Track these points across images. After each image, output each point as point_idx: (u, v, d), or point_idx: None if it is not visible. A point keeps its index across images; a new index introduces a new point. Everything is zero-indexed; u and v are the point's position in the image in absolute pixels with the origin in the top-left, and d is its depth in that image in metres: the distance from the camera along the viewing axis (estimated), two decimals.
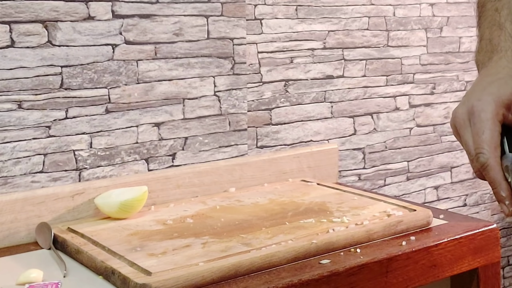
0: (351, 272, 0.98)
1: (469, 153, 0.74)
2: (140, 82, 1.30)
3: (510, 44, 0.79)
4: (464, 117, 0.74)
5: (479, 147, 0.72)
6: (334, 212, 1.18)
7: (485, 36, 0.81)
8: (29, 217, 1.16)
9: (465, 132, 0.74)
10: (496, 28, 0.80)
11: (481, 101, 0.73)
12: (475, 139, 0.72)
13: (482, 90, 0.75)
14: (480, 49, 0.82)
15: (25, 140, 1.19)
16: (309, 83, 1.57)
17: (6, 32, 1.15)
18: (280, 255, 0.99)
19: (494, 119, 0.72)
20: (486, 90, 0.74)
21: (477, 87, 0.76)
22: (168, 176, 1.31)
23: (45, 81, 1.20)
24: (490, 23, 0.81)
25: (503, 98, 0.73)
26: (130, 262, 0.96)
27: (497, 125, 0.73)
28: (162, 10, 1.31)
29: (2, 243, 1.14)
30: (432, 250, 1.08)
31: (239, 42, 1.43)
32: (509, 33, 0.79)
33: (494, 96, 0.73)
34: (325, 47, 1.59)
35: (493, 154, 0.71)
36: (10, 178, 1.18)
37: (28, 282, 0.95)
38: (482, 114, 0.73)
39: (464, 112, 0.75)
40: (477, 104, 0.73)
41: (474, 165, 0.73)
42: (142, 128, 1.32)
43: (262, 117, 1.50)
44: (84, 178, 1.25)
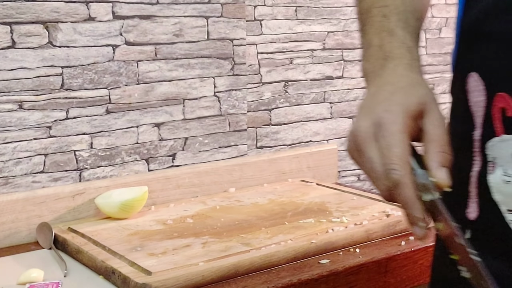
0: (350, 271, 0.99)
1: (375, 171, 0.64)
2: (140, 83, 1.31)
3: (404, 51, 0.72)
4: (369, 130, 0.66)
5: (390, 163, 0.63)
6: (334, 212, 1.19)
7: (374, 43, 0.75)
8: (30, 217, 1.16)
9: (370, 147, 0.65)
10: (386, 34, 0.74)
11: (390, 113, 0.65)
12: (385, 153, 0.64)
13: (388, 100, 0.67)
14: (368, 57, 0.75)
15: (26, 140, 1.19)
16: (308, 83, 1.57)
17: (7, 33, 1.15)
18: (279, 255, 0.99)
19: (405, 131, 0.65)
20: (393, 100, 0.67)
21: (378, 97, 0.69)
22: (168, 176, 1.32)
23: (45, 81, 1.20)
24: (378, 29, 0.76)
25: (410, 109, 0.66)
26: (131, 262, 0.97)
27: (408, 139, 0.65)
28: (162, 11, 1.32)
29: (3, 243, 1.14)
30: (430, 250, 1.08)
31: (239, 43, 1.43)
32: (401, 40, 0.73)
33: (403, 106, 0.66)
34: (325, 48, 1.59)
35: (406, 170, 0.63)
36: (11, 178, 1.18)
37: (29, 281, 0.95)
38: (392, 126, 0.64)
39: (369, 125, 0.66)
40: (385, 116, 0.65)
41: (382, 183, 0.64)
42: (142, 128, 1.32)
43: (261, 117, 1.50)
44: (85, 178, 1.26)
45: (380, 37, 0.75)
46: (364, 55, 0.77)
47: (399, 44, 0.73)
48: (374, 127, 0.66)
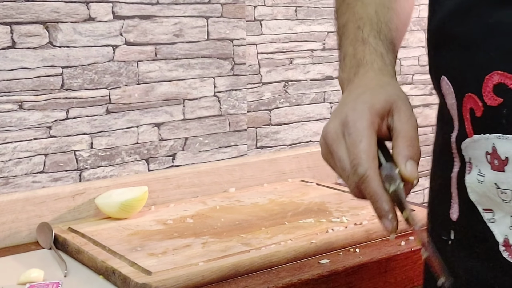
0: (350, 271, 0.99)
1: (344, 169, 0.67)
2: (140, 83, 1.31)
3: (375, 57, 0.75)
4: (337, 130, 0.68)
5: (356, 158, 0.65)
6: (333, 212, 1.19)
7: (348, 53, 0.78)
8: (30, 217, 1.17)
9: (339, 146, 0.68)
10: (360, 44, 0.77)
11: (355, 111, 0.68)
12: (351, 150, 0.66)
13: (354, 100, 0.70)
14: (344, 67, 0.78)
15: (26, 140, 1.19)
16: (308, 83, 1.58)
17: (7, 33, 1.15)
18: (279, 255, 0.99)
19: (370, 128, 0.67)
20: (359, 99, 0.69)
21: (347, 100, 0.71)
22: (168, 176, 1.32)
23: (46, 81, 1.20)
24: (353, 40, 0.78)
25: (376, 107, 0.68)
26: (131, 262, 0.97)
27: (374, 134, 0.67)
28: (163, 11, 1.32)
29: (3, 243, 1.14)
30: None
31: (239, 43, 1.43)
32: (373, 47, 0.76)
33: (368, 104, 0.68)
34: (325, 48, 1.59)
35: (372, 164, 0.65)
36: (11, 178, 1.18)
37: (29, 281, 0.95)
38: (357, 123, 0.67)
39: (337, 125, 0.68)
40: (351, 113, 0.68)
41: (351, 180, 0.66)
42: (142, 128, 1.32)
43: (261, 117, 1.50)
44: (85, 178, 1.26)
45: (354, 47, 0.77)
46: (340, 66, 0.79)
47: (371, 51, 0.76)
48: (342, 127, 0.68)
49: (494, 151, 0.68)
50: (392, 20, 0.80)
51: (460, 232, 0.75)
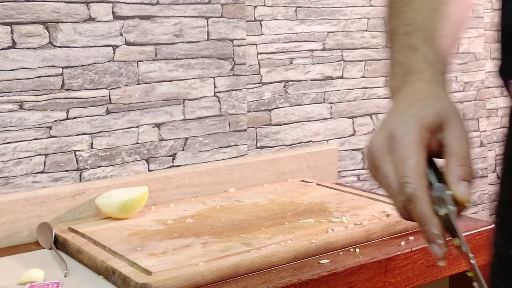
0: (350, 272, 0.99)
1: (390, 187, 0.62)
2: (140, 83, 1.31)
3: (425, 66, 0.70)
4: (383, 145, 0.63)
5: (404, 176, 0.60)
6: (333, 212, 1.19)
7: (397, 60, 0.73)
8: (30, 217, 1.17)
9: (385, 162, 0.62)
10: (409, 51, 0.72)
11: (403, 124, 0.63)
12: (398, 167, 0.61)
13: (403, 113, 0.65)
14: (394, 75, 0.73)
15: (27, 140, 1.19)
16: (308, 84, 1.58)
17: (7, 33, 1.16)
18: (279, 255, 1.00)
19: (419, 144, 0.62)
20: (407, 112, 0.64)
21: (395, 111, 0.67)
22: (168, 177, 1.32)
23: (46, 82, 1.20)
24: (401, 47, 0.74)
25: (426, 121, 0.63)
26: (131, 262, 0.97)
27: (423, 151, 0.62)
28: (163, 12, 1.32)
29: (4, 243, 1.14)
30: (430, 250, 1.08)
31: (239, 43, 1.43)
32: (423, 55, 0.71)
33: (417, 118, 0.63)
34: (325, 48, 1.60)
35: (421, 183, 0.60)
36: (11, 178, 1.18)
37: (29, 281, 0.96)
38: (405, 138, 0.62)
39: (383, 139, 0.63)
40: (398, 127, 0.63)
41: (398, 199, 0.61)
42: (142, 128, 1.32)
43: (261, 117, 1.51)
44: (85, 178, 1.26)
45: (402, 54, 0.73)
46: (389, 74, 0.75)
47: (421, 60, 0.71)
48: (388, 141, 0.63)
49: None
50: (444, 27, 0.75)
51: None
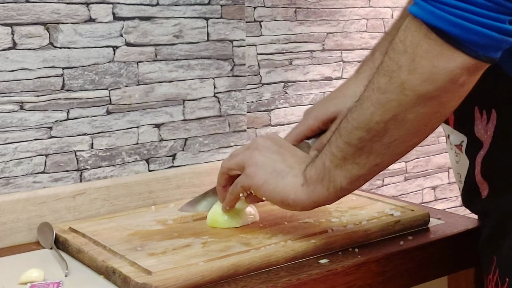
0: (349, 271, 0.99)
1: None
2: (140, 84, 1.31)
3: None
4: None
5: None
6: (333, 212, 1.19)
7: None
8: (30, 217, 1.17)
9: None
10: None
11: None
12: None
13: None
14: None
15: (27, 141, 1.20)
16: (308, 84, 1.58)
17: (8, 34, 1.16)
18: (279, 254, 1.00)
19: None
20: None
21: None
22: (168, 177, 1.32)
23: (46, 82, 1.21)
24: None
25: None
26: (131, 262, 0.97)
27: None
28: (162, 12, 1.32)
29: (4, 243, 1.15)
30: (429, 250, 1.09)
31: (238, 44, 1.44)
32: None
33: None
34: (324, 49, 1.60)
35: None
36: (12, 179, 1.19)
37: (30, 281, 0.96)
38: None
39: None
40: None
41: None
42: (142, 129, 1.33)
43: (261, 118, 1.51)
44: (85, 179, 1.27)
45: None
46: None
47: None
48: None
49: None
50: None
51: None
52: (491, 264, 0.94)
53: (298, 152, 1.02)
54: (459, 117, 0.98)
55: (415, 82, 0.79)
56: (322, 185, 0.94)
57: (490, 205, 0.96)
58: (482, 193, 0.97)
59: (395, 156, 0.88)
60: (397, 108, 0.81)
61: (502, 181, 0.93)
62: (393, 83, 0.81)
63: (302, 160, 0.99)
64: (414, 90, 0.79)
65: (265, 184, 0.99)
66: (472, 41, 0.74)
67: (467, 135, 0.97)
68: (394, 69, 0.80)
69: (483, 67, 0.78)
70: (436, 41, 0.76)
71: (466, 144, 0.97)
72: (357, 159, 0.89)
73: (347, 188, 0.93)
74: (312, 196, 0.95)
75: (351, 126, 0.88)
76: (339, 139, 0.90)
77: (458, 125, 0.98)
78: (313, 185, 0.95)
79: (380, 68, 0.83)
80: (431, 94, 0.79)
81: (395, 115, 0.82)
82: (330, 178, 0.93)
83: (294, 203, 0.97)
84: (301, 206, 0.97)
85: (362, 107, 0.86)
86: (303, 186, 0.96)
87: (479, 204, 1.00)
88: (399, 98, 0.81)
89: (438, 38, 0.75)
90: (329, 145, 0.92)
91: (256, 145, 1.03)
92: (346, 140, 0.89)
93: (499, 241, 0.93)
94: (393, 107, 0.82)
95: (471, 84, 0.79)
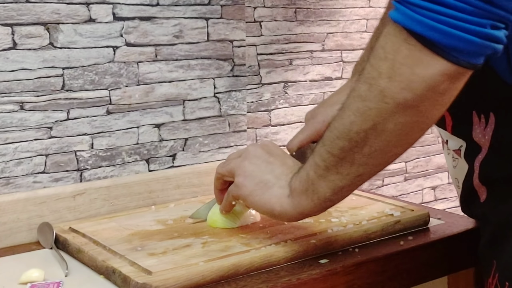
0: (349, 271, 0.99)
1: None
2: (140, 84, 1.32)
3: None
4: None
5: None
6: (333, 212, 1.19)
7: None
8: (31, 217, 1.17)
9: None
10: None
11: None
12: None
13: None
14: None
15: (27, 141, 1.20)
16: (308, 84, 1.58)
17: (8, 34, 1.16)
18: (279, 254, 1.00)
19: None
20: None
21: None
22: (168, 177, 1.33)
23: (46, 82, 1.21)
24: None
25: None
26: (131, 262, 0.97)
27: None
28: (163, 13, 1.33)
29: (4, 243, 1.15)
30: (429, 250, 1.09)
31: (238, 44, 1.44)
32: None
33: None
34: (324, 49, 1.60)
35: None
36: (12, 179, 1.19)
37: (30, 281, 0.96)
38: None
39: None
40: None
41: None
42: (142, 129, 1.33)
43: (261, 118, 1.51)
44: (85, 179, 1.27)
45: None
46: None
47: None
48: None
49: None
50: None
51: None
52: (491, 268, 0.94)
53: (288, 161, 1.00)
54: (457, 122, 0.97)
55: (394, 89, 0.76)
56: (306, 196, 0.92)
57: (489, 210, 0.96)
58: (481, 197, 0.97)
59: (378, 166, 0.86)
60: (376, 117, 0.79)
61: (500, 186, 0.93)
62: (373, 90, 0.78)
63: (290, 170, 0.97)
64: (393, 98, 0.76)
65: (250, 195, 0.98)
66: (452, 46, 0.72)
67: (465, 140, 0.96)
68: (375, 76, 0.78)
69: (465, 73, 0.75)
70: (415, 46, 0.73)
71: (465, 148, 0.97)
72: (339, 170, 0.86)
73: (331, 198, 0.91)
74: (298, 207, 0.94)
75: (333, 136, 0.85)
76: (322, 149, 0.87)
77: (456, 130, 0.98)
78: (298, 197, 0.93)
79: (362, 75, 0.80)
80: (409, 103, 0.76)
81: (375, 124, 0.79)
82: (314, 190, 0.90)
83: (280, 214, 0.96)
84: (287, 217, 0.96)
85: (343, 116, 0.83)
86: (289, 198, 0.94)
87: (477, 209, 1.00)
88: (379, 106, 0.78)
89: (418, 44, 0.73)
90: (313, 155, 0.90)
91: (247, 154, 1.02)
92: (328, 150, 0.86)
93: (498, 247, 0.93)
94: (373, 116, 0.79)
95: (454, 91, 0.76)
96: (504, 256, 0.90)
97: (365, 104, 0.79)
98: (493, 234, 0.95)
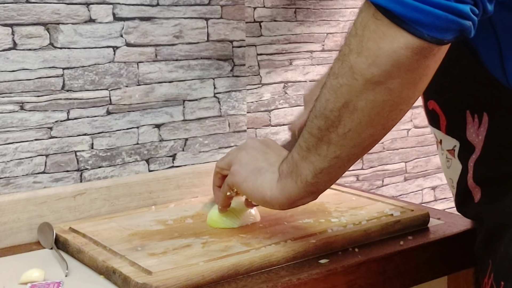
0: (349, 271, 0.99)
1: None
2: (140, 84, 1.32)
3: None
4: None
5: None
6: (333, 212, 1.19)
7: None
8: (31, 217, 1.17)
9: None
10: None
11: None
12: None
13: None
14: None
15: (27, 141, 1.20)
16: (308, 84, 1.58)
17: (8, 34, 1.16)
18: (279, 254, 1.00)
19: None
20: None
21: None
22: (168, 177, 1.33)
23: (47, 82, 1.21)
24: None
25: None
26: (131, 262, 0.97)
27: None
28: (163, 13, 1.33)
29: (5, 243, 1.15)
30: (429, 250, 1.09)
31: (238, 45, 1.44)
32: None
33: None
34: (324, 49, 1.60)
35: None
36: (12, 179, 1.19)
37: (30, 281, 0.96)
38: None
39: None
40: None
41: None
42: (142, 129, 1.33)
43: (261, 118, 1.51)
44: (86, 179, 1.27)
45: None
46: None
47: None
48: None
49: None
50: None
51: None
52: (487, 268, 0.94)
53: (284, 152, 1.00)
54: (451, 122, 0.97)
55: (362, 65, 0.76)
56: (291, 178, 0.92)
57: (483, 210, 0.96)
58: (475, 197, 0.97)
59: (353, 148, 0.85)
60: (347, 94, 0.79)
61: (494, 185, 0.93)
62: (344, 67, 0.78)
63: (283, 157, 0.97)
64: (362, 74, 0.77)
65: (245, 182, 0.99)
66: (415, 19, 0.71)
67: (459, 140, 0.97)
68: (346, 52, 0.78)
69: (431, 49, 0.73)
70: (382, 21, 0.73)
71: (458, 148, 0.97)
72: (318, 150, 0.87)
73: (312, 182, 0.91)
74: (284, 191, 0.94)
75: (312, 115, 0.86)
76: (305, 130, 0.88)
77: (450, 130, 0.98)
78: (284, 179, 0.94)
79: (338, 53, 0.81)
80: (376, 78, 0.76)
81: (346, 102, 0.79)
82: (297, 172, 0.91)
83: (271, 200, 0.96)
84: (277, 203, 0.96)
85: (321, 95, 0.84)
86: (278, 182, 0.95)
87: (472, 209, 1.00)
88: (349, 83, 0.78)
89: (384, 18, 0.73)
90: (299, 137, 0.91)
91: (245, 146, 1.04)
92: (309, 130, 0.87)
93: (493, 246, 0.93)
94: (344, 93, 0.79)
95: (425, 70, 0.75)
96: (499, 255, 0.91)
97: (338, 81, 0.80)
98: (488, 234, 0.95)
